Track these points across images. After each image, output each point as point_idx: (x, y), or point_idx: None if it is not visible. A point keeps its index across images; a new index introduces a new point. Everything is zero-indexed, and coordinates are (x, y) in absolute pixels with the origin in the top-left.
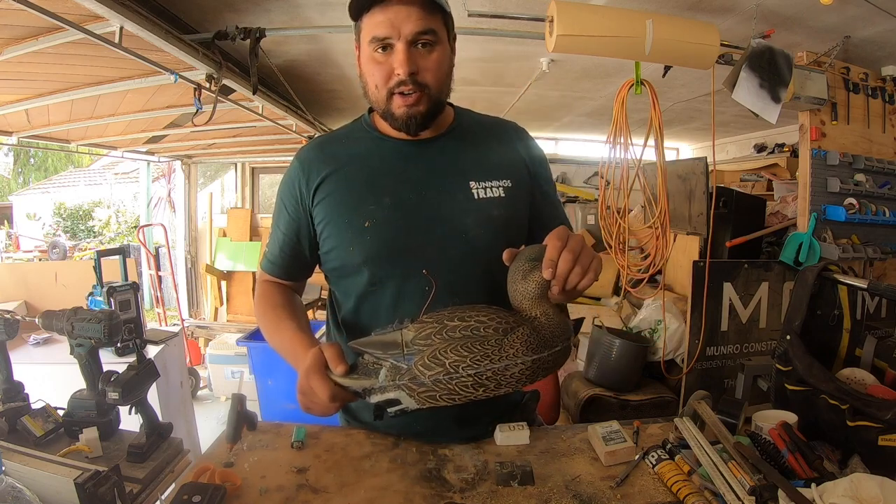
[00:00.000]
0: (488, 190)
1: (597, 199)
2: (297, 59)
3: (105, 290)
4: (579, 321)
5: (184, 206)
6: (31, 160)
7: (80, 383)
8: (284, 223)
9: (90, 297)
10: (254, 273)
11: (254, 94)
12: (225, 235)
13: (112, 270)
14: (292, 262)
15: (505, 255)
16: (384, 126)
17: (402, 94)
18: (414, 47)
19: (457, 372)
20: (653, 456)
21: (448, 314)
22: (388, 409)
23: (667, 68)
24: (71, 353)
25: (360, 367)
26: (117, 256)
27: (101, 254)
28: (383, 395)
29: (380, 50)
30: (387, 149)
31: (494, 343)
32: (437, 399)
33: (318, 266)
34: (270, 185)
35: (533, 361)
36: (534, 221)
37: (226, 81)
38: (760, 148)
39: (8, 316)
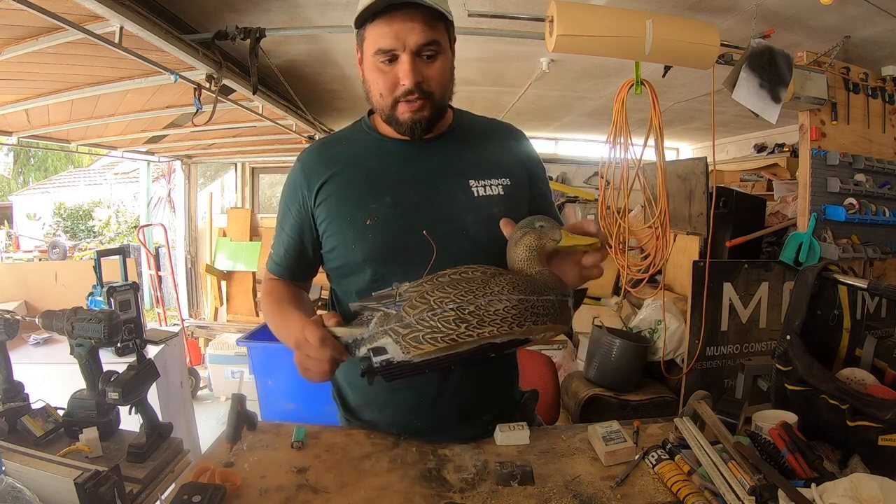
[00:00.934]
0: (487, 188)
1: (597, 199)
2: (297, 59)
3: (105, 290)
4: (582, 291)
5: (184, 206)
6: (31, 160)
7: (80, 383)
8: (288, 225)
9: (90, 297)
10: (254, 273)
11: (254, 94)
12: (225, 235)
13: (112, 270)
14: (297, 263)
15: (502, 224)
16: (384, 127)
17: (407, 101)
18: (418, 57)
19: (440, 307)
20: (653, 456)
21: (445, 270)
22: (374, 360)
23: (667, 68)
24: (71, 353)
25: (356, 321)
26: (117, 256)
27: (101, 254)
28: (372, 343)
29: (385, 60)
30: (387, 149)
31: (480, 282)
32: (421, 341)
33: (320, 266)
34: (270, 185)
35: (519, 301)
36: None
37: (226, 81)
38: (760, 148)
39: (8, 316)
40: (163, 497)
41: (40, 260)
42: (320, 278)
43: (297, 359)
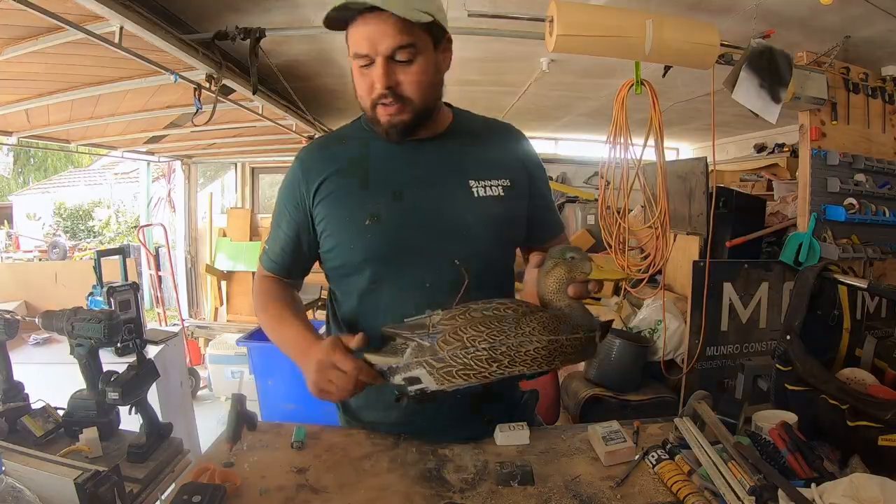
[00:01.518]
0: (488, 188)
1: (597, 199)
2: (297, 59)
3: (105, 290)
4: (608, 323)
5: (184, 206)
6: (31, 160)
7: (80, 383)
8: (286, 223)
9: (90, 297)
10: (254, 273)
11: (254, 94)
12: (225, 235)
13: (112, 270)
14: (293, 261)
15: (533, 261)
16: None
17: (383, 105)
18: (393, 61)
19: (473, 346)
20: (653, 456)
21: (476, 303)
22: (409, 389)
23: (667, 68)
24: (71, 353)
25: (390, 348)
26: (117, 256)
27: (101, 254)
28: (407, 372)
29: (364, 64)
30: (386, 149)
31: (512, 321)
32: (454, 376)
33: (318, 265)
34: (270, 185)
35: (549, 342)
36: (532, 221)
37: (226, 81)
38: (760, 148)
39: (8, 316)
40: (163, 497)
41: (40, 260)
42: (319, 278)
43: (317, 380)
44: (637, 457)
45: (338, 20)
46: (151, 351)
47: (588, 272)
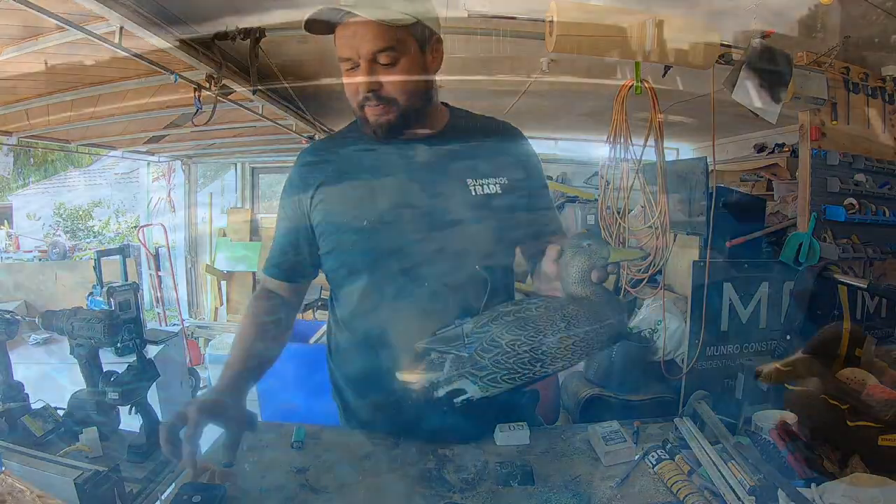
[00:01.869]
0: (485, 187)
1: (597, 199)
2: (297, 59)
3: (105, 290)
4: (634, 301)
5: (184, 206)
6: (31, 160)
7: (80, 383)
8: (285, 227)
9: (90, 297)
10: (254, 273)
11: (254, 94)
12: (225, 235)
13: (112, 270)
14: (293, 265)
15: (551, 255)
16: None
17: (369, 106)
18: (376, 63)
19: (514, 350)
20: (653, 456)
21: (503, 306)
22: (455, 400)
23: (667, 68)
24: (71, 353)
25: (426, 365)
26: (117, 256)
27: (101, 254)
28: (449, 386)
29: (349, 67)
30: (383, 149)
31: (546, 319)
32: (500, 381)
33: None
34: (270, 185)
35: (585, 333)
36: (531, 220)
37: (226, 81)
38: (760, 148)
39: (8, 316)
40: (163, 497)
41: (40, 260)
42: (321, 279)
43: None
44: (637, 457)
45: (323, 23)
46: (151, 351)
47: (607, 256)
